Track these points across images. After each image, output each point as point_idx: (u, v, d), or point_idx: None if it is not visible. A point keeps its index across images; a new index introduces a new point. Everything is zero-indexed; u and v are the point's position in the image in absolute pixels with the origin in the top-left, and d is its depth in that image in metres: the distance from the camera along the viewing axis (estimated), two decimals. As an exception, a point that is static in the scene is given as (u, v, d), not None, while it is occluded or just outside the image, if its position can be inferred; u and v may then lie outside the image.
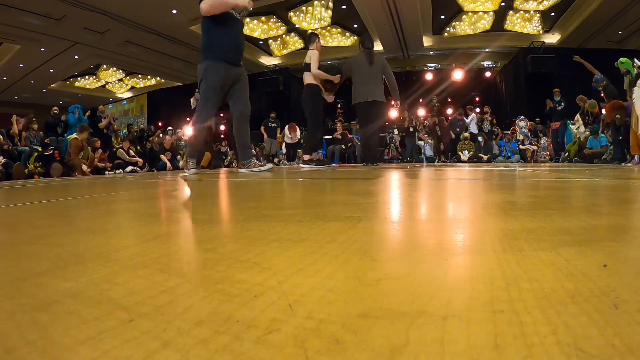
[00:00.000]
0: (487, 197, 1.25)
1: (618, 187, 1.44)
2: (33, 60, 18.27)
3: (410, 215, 0.92)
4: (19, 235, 0.83)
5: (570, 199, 1.08)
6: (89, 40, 16.65)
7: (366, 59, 5.99)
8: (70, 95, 24.88)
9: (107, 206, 1.24)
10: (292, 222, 0.75)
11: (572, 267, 0.48)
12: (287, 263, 0.51)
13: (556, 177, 2.16)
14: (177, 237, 0.74)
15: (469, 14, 16.85)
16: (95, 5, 13.58)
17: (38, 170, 7.96)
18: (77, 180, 4.68)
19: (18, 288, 0.46)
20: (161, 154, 10.22)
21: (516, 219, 0.79)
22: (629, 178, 2.03)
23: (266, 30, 17.78)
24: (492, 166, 6.64)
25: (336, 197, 1.14)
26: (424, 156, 13.12)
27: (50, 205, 1.21)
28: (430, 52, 20.69)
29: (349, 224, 0.73)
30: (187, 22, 15.85)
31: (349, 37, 18.93)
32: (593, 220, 0.77)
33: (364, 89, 5.85)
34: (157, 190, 1.97)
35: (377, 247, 0.61)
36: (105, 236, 0.76)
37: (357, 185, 1.58)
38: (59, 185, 3.02)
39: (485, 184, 1.74)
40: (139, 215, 1.02)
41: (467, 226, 0.75)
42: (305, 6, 15.82)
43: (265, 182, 1.64)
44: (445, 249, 0.59)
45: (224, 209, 0.91)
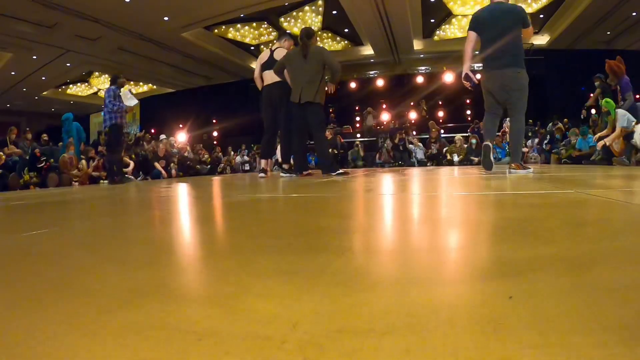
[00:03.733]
0: (456, 218, 1.33)
1: (581, 203, 1.49)
2: (25, 68, 18.24)
3: (374, 244, 0.99)
4: (63, 269, 0.84)
5: (524, 223, 1.12)
6: (80, 47, 16.65)
7: (300, 53, 5.19)
8: (63, 103, 24.84)
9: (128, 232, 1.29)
10: (288, 254, 0.83)
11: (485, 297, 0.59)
12: (289, 293, 0.64)
13: (530, 190, 2.24)
14: (191, 267, 0.81)
15: (458, 17, 16.99)
16: (87, 13, 13.60)
17: (33, 181, 8.01)
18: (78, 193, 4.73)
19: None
20: (155, 161, 10.26)
21: (468, 249, 0.87)
22: (605, 189, 2.12)
23: (257, 36, 17.88)
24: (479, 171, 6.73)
25: (320, 221, 1.18)
26: (415, 160, 13.23)
27: (78, 232, 1.21)
28: (421, 56, 20.81)
29: (334, 256, 0.80)
30: (178, 29, 15.92)
31: (340, 42, 19.08)
32: (528, 250, 0.84)
33: (296, 89, 5.14)
34: (155, 212, 2.05)
35: (354, 278, 0.71)
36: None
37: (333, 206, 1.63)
38: (68, 202, 3.07)
39: (460, 200, 1.81)
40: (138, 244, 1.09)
41: (431, 257, 0.83)
42: (296, 12, 15.93)
43: (255, 203, 1.69)
44: (408, 279, 0.70)
45: (228, 239, 0.95)
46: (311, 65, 5.11)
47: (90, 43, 16.32)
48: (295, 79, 5.18)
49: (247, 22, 16.65)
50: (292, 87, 5.23)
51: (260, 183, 3.75)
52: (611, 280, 0.64)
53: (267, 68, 5.54)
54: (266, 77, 5.58)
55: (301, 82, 5.10)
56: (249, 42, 18.31)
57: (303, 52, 5.16)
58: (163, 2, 13.53)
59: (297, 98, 5.13)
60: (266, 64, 5.58)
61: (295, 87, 5.17)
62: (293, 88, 5.21)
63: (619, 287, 0.60)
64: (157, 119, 22.17)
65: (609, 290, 0.58)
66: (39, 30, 14.55)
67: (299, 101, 5.11)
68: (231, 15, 15.36)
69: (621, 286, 0.61)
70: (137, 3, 13.34)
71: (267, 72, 5.54)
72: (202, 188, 3.55)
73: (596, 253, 0.79)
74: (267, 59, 5.59)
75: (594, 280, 0.64)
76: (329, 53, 5.38)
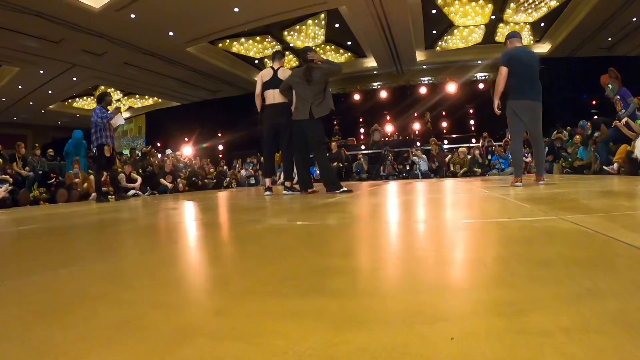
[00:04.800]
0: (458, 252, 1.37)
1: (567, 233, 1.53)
2: (31, 82, 18.50)
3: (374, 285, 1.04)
4: (118, 311, 0.87)
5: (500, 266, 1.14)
6: (87, 62, 16.88)
7: (304, 75, 5.24)
8: (69, 116, 25.08)
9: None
10: (295, 296, 0.89)
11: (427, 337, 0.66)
12: (296, 332, 0.73)
13: (522, 214, 2.27)
14: (218, 309, 0.86)
15: (460, 28, 17.10)
16: (92, 29, 13.81)
17: (43, 197, 8.10)
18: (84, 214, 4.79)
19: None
20: (162, 177, 10.33)
21: (447, 293, 0.92)
22: (589, 213, 2.15)
23: (261, 49, 18.05)
24: (484, 183, 6.75)
25: (321, 260, 1.19)
26: (419, 172, 13.25)
27: (105, 270, 1.23)
28: (423, 67, 20.95)
29: (331, 299, 0.87)
30: (183, 44, 16.11)
31: (343, 54, 19.23)
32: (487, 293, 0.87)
33: (304, 107, 5.19)
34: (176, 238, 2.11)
35: (346, 320, 0.78)
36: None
37: (339, 239, 1.66)
38: (79, 227, 3.11)
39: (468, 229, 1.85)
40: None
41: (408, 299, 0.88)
42: (299, 25, 16.08)
43: (263, 236, 1.67)
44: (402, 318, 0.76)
45: (242, 283, 0.99)
46: (316, 84, 5.19)
47: (96, 58, 16.54)
48: (303, 97, 5.22)
49: (251, 36, 16.82)
50: (299, 105, 5.27)
51: (266, 204, 3.79)
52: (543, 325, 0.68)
53: (271, 87, 5.54)
54: (268, 96, 5.55)
55: (310, 99, 5.16)
56: (253, 55, 18.49)
57: (306, 76, 5.20)
58: (168, 18, 13.72)
59: (305, 115, 5.18)
60: (269, 83, 5.56)
61: (303, 105, 5.22)
62: (300, 106, 5.25)
63: (552, 331, 0.66)
64: (162, 133, 22.26)
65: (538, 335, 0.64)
66: (46, 45, 14.77)
67: (309, 117, 5.17)
68: (235, 30, 15.55)
69: (556, 330, 0.66)
70: (142, 19, 13.53)
71: (270, 92, 5.53)
72: (210, 211, 3.57)
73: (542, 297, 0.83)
74: (270, 78, 5.55)
75: (527, 325, 0.69)
76: (329, 65, 5.42)
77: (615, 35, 16.99)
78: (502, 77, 5.20)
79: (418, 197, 4.00)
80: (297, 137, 5.32)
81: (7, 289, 1.04)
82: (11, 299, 0.96)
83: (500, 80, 5.20)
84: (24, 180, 8.72)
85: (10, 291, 1.03)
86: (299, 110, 5.24)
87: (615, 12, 14.65)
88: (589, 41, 17.38)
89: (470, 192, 4.41)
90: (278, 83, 5.47)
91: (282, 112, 5.47)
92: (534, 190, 4.00)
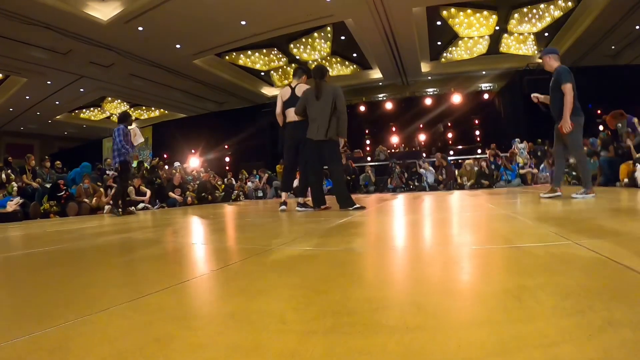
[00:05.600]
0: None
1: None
2: (39, 92, 18.67)
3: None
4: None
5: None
6: (94, 73, 17.06)
7: (313, 92, 5.23)
8: (76, 126, 25.31)
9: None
10: (352, 336, 0.90)
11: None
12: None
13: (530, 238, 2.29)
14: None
15: (464, 39, 17.19)
16: (100, 41, 13.99)
17: (53, 209, 8.15)
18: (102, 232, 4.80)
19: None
20: (170, 190, 10.37)
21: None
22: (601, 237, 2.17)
23: (267, 62, 18.21)
24: (491, 196, 6.77)
25: (363, 292, 1.19)
26: (427, 184, 13.28)
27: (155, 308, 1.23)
28: (428, 78, 21.05)
29: (388, 336, 0.90)
30: (190, 56, 16.28)
31: (349, 66, 19.37)
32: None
33: (319, 126, 5.16)
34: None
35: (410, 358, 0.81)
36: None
37: (363, 276, 1.63)
38: (100, 249, 3.12)
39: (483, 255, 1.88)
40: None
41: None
42: (306, 38, 16.22)
43: (283, 266, 1.64)
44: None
45: (276, 327, 1.00)
46: (326, 104, 5.15)
47: (104, 69, 16.72)
48: (313, 117, 5.22)
49: (258, 48, 16.97)
50: (313, 124, 5.23)
51: (284, 224, 3.80)
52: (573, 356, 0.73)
53: (290, 105, 5.55)
54: (289, 114, 5.56)
55: (318, 120, 5.15)
56: (259, 68, 18.63)
57: (316, 93, 5.19)
58: (175, 31, 13.88)
59: (314, 135, 5.15)
60: (289, 101, 5.57)
61: (312, 125, 5.21)
62: (311, 125, 5.23)
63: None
64: (168, 144, 22.30)
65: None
66: (54, 57, 14.96)
67: (325, 137, 5.11)
68: (242, 43, 15.70)
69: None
70: (150, 31, 13.70)
71: (290, 110, 5.53)
72: (231, 231, 3.57)
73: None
74: (289, 97, 5.55)
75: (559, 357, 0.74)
76: (342, 96, 5.41)
77: (618, 43, 17.07)
78: (572, 92, 5.29)
79: (433, 216, 4.02)
80: (312, 154, 5.33)
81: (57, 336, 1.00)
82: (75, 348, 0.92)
83: (572, 97, 5.28)
84: (34, 192, 8.79)
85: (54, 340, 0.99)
86: (310, 130, 5.21)
87: (618, 20, 14.75)
88: (593, 50, 17.44)
89: (486, 210, 4.41)
90: (296, 101, 5.47)
91: (301, 128, 5.41)
92: (550, 207, 4.02)
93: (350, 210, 4.85)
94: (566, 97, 5.23)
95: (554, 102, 5.55)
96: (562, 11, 14.84)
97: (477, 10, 14.82)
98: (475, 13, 14.98)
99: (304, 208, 5.41)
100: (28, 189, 8.82)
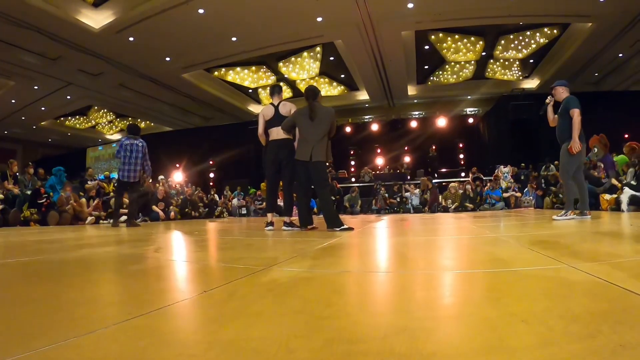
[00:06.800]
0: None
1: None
2: (26, 97, 18.42)
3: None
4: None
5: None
6: (82, 81, 16.96)
7: (306, 113, 5.16)
8: (60, 134, 24.97)
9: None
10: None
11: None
12: None
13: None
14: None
15: (451, 64, 17.53)
16: (91, 49, 13.94)
17: (34, 217, 7.98)
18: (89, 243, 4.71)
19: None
20: (154, 203, 10.24)
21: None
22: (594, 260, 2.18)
23: (256, 79, 18.29)
24: (478, 219, 6.80)
25: (369, 318, 1.16)
26: (411, 206, 13.35)
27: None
28: (414, 101, 21.36)
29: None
30: (179, 70, 16.30)
31: (336, 87, 19.56)
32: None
33: (306, 148, 5.10)
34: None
35: None
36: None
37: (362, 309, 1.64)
38: (87, 261, 3.04)
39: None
40: None
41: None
42: (295, 57, 16.35)
43: (275, 292, 1.54)
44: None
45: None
46: (320, 125, 5.12)
47: (92, 78, 16.62)
48: (306, 137, 5.14)
49: (247, 65, 17.07)
50: (301, 145, 5.19)
51: (272, 243, 3.76)
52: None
53: (274, 125, 5.51)
54: (272, 133, 5.52)
55: (312, 141, 5.08)
56: (247, 85, 18.71)
57: (310, 114, 5.13)
58: (166, 43, 13.91)
59: (307, 156, 5.08)
60: (272, 121, 5.53)
61: (305, 146, 5.13)
62: (302, 146, 5.17)
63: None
64: (153, 157, 21.97)
65: None
66: (43, 62, 14.84)
67: (310, 159, 5.06)
68: (232, 59, 15.80)
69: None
70: (141, 42, 13.71)
71: (273, 129, 5.49)
72: (209, 250, 3.51)
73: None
74: (272, 116, 5.51)
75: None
76: (335, 117, 5.43)
77: (601, 70, 17.64)
78: (580, 117, 5.68)
79: (424, 238, 4.01)
80: (300, 174, 5.29)
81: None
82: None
83: (580, 121, 5.67)
84: (15, 198, 8.59)
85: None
86: (301, 150, 5.16)
87: (602, 48, 15.27)
88: (577, 77, 17.93)
89: (475, 232, 4.42)
90: (281, 119, 5.42)
91: (284, 147, 5.43)
92: (537, 230, 4.06)
93: (337, 230, 4.82)
94: (574, 120, 5.63)
95: (562, 127, 5.93)
96: (547, 38, 15.28)
97: (465, 35, 15.17)
98: (463, 38, 15.33)
99: (290, 227, 5.36)
100: (9, 195, 8.63)
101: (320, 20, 12.92)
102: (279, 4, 11.89)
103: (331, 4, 11.99)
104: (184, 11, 11.90)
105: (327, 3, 11.91)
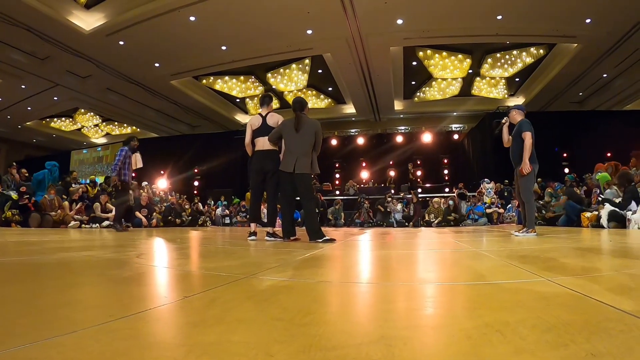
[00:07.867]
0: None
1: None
2: (12, 95, 18.13)
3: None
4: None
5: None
6: (70, 83, 16.78)
7: (292, 124, 5.17)
8: (45, 135, 24.62)
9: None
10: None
11: None
12: None
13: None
14: None
15: (438, 80, 17.75)
16: (80, 50, 13.85)
17: (15, 219, 7.86)
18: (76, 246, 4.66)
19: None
20: (137, 209, 10.11)
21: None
22: (573, 275, 2.24)
23: (244, 89, 18.29)
24: (459, 234, 6.87)
25: (347, 326, 1.17)
26: (394, 220, 13.43)
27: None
28: (400, 116, 21.52)
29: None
30: (168, 76, 16.25)
31: (323, 100, 19.67)
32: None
33: (290, 159, 5.11)
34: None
35: None
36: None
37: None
38: (71, 263, 3.00)
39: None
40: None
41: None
42: (284, 69, 16.43)
43: (262, 299, 1.62)
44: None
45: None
46: (304, 137, 5.14)
47: (80, 80, 16.48)
48: (290, 149, 5.15)
49: (235, 75, 17.10)
50: (286, 156, 5.19)
51: (255, 253, 3.76)
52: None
53: (260, 135, 5.48)
54: (259, 142, 5.49)
55: (297, 153, 5.08)
56: (235, 94, 18.68)
57: (295, 125, 5.14)
58: (156, 49, 13.88)
59: (290, 168, 5.08)
60: (259, 130, 5.51)
61: (289, 157, 5.13)
62: (287, 157, 5.17)
63: None
64: (138, 164, 21.82)
65: None
66: (32, 61, 14.67)
67: (293, 171, 5.06)
68: (221, 68, 15.83)
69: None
70: (131, 47, 13.66)
71: (260, 139, 5.47)
72: (192, 257, 3.50)
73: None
74: (259, 126, 5.50)
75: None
76: (321, 132, 5.45)
77: (585, 90, 18.02)
78: (531, 140, 5.94)
79: (405, 252, 4.05)
80: (285, 185, 5.29)
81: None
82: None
83: (531, 144, 5.93)
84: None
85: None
86: (286, 162, 5.16)
87: (586, 69, 15.62)
88: (561, 96, 18.37)
89: (456, 247, 4.48)
90: (268, 130, 5.42)
91: (269, 157, 5.41)
92: (518, 245, 4.13)
93: (319, 242, 4.83)
94: (526, 142, 5.90)
95: (515, 149, 6.15)
96: (533, 58, 15.59)
97: (452, 53, 15.42)
98: (450, 56, 15.56)
99: (273, 238, 5.36)
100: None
101: (310, 33, 13.03)
102: (270, 16, 11.97)
103: (321, 18, 12.11)
104: (176, 18, 11.91)
105: (318, 16, 12.03)
